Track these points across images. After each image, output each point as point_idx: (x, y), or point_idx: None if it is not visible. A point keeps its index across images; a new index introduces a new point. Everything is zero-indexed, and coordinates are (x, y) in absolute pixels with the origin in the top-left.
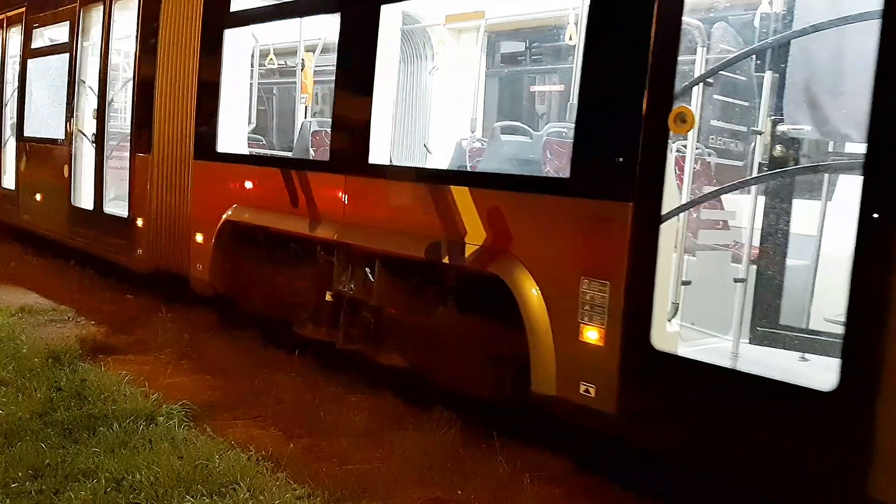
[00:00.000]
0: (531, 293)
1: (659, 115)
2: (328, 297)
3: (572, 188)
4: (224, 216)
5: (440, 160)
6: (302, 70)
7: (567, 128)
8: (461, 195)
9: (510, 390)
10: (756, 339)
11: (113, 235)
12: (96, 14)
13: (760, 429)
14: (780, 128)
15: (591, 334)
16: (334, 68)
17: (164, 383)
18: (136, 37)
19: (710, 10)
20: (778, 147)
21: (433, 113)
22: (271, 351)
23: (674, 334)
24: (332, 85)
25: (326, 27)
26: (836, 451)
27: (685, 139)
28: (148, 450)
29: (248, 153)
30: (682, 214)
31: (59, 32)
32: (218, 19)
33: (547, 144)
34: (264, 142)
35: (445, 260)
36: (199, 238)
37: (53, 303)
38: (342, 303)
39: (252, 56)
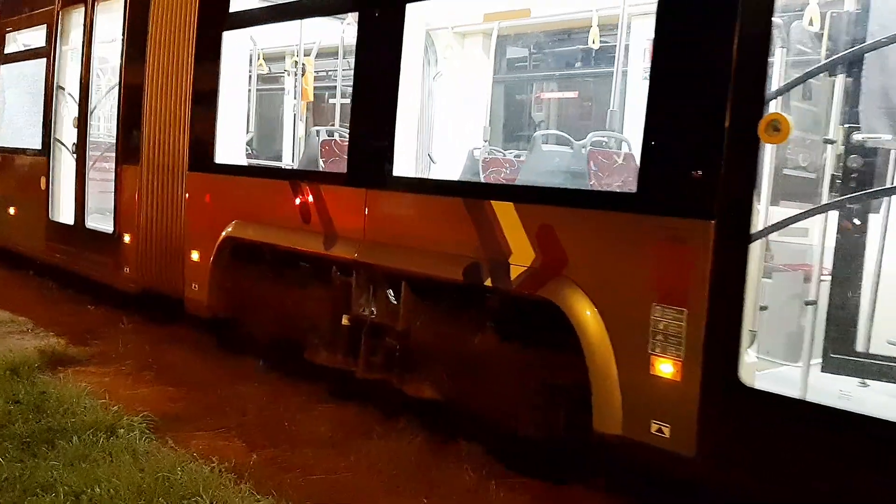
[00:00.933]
0: (592, 321)
1: (747, 123)
2: (345, 320)
3: (641, 204)
4: (224, 232)
5: (447, 171)
6: (303, 75)
7: (613, 137)
8: (505, 211)
9: (565, 428)
10: (830, 367)
11: (96, 252)
12: (77, 17)
13: (871, 474)
14: (855, 136)
15: (665, 367)
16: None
17: (125, 395)
18: (123, 40)
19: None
20: (852, 157)
21: (437, 121)
22: (234, 361)
23: (760, 366)
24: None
25: (325, 30)
26: None
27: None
28: (108, 463)
29: (250, 164)
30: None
31: (34, 37)
32: (216, 21)
33: (591, 155)
34: (249, 151)
35: (487, 283)
36: (195, 256)
37: (11, 314)
38: (362, 327)
39: (251, 60)
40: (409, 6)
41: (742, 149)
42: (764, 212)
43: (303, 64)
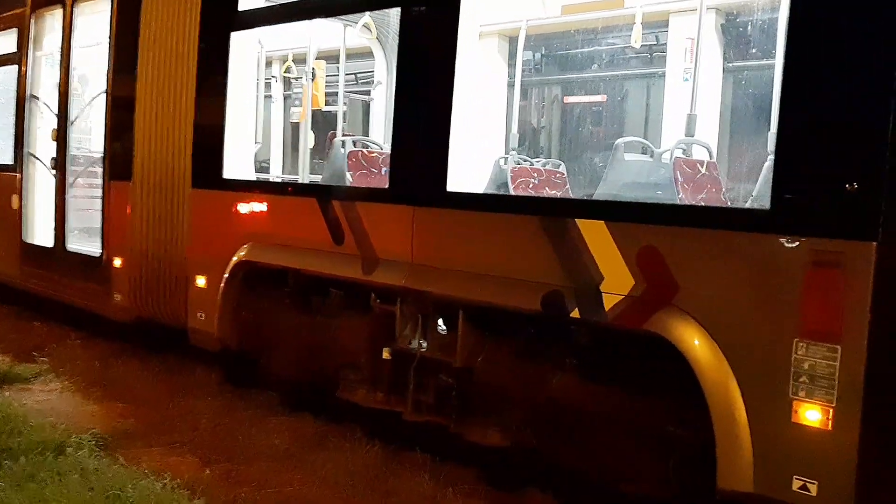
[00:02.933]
0: (712, 359)
1: None
2: (385, 354)
3: (776, 223)
4: (237, 256)
5: (467, 183)
6: (313, 80)
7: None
8: (594, 231)
9: (678, 484)
10: None
11: (80, 278)
12: (52, 20)
13: None
14: None
15: (812, 414)
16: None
17: (74, 412)
18: (110, 43)
19: None
20: None
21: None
22: (186, 376)
23: None
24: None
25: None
26: None
27: None
28: (57, 482)
29: (267, 179)
30: None
31: (2, 42)
32: (222, 21)
33: (676, 164)
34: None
35: (574, 314)
36: (202, 282)
37: None
38: (409, 363)
39: (258, 65)
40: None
41: None
42: None
43: (313, 68)
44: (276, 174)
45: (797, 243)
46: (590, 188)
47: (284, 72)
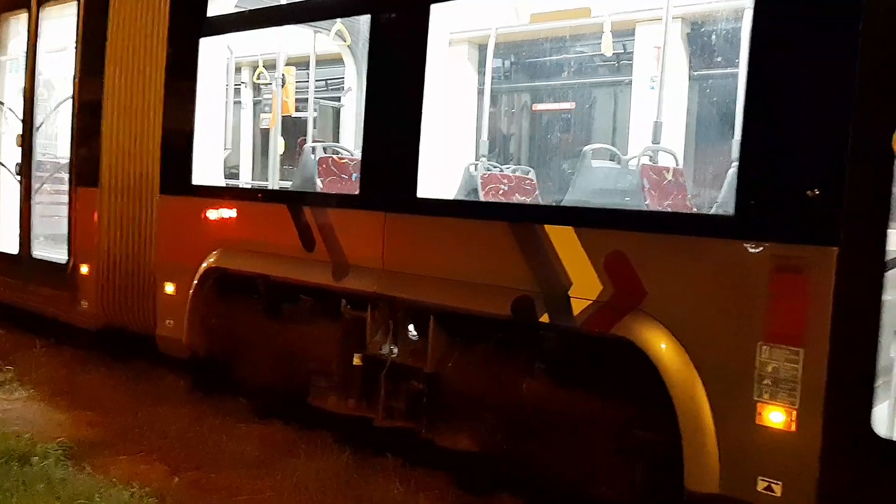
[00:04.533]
0: (680, 362)
1: (876, 134)
2: (356, 360)
3: (740, 229)
4: (206, 262)
5: (438, 189)
6: (283, 86)
7: (664, 151)
8: (562, 236)
9: (646, 486)
10: None
11: (46, 285)
12: (17, 24)
13: None
14: None
15: (776, 416)
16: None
17: (40, 421)
18: (77, 48)
19: None
20: None
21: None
22: (155, 384)
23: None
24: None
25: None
26: None
27: None
28: (22, 492)
29: (237, 185)
30: None
31: None
32: (191, 26)
33: (643, 171)
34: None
35: (544, 318)
36: (170, 289)
37: None
38: (380, 369)
39: (228, 71)
40: (433, 7)
41: (871, 164)
42: None
43: (283, 75)
44: (245, 180)
45: (761, 249)
46: (559, 194)
47: (256, 78)
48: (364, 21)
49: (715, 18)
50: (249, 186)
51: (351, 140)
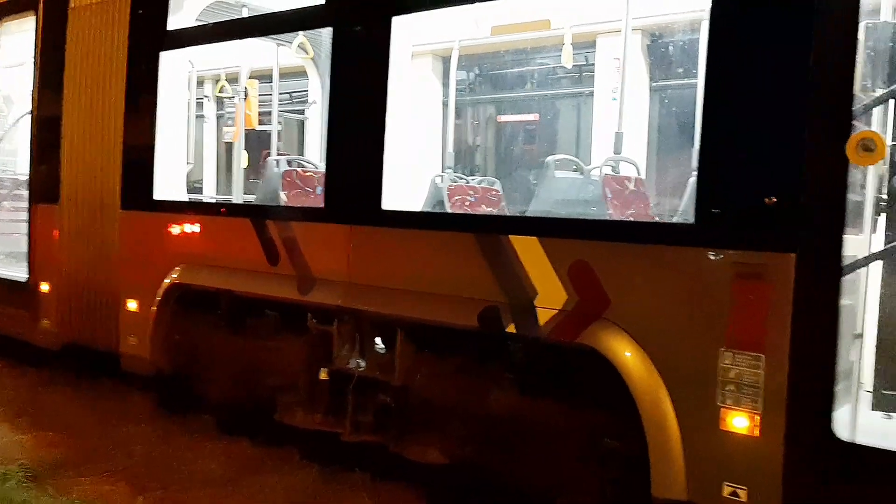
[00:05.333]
0: (644, 370)
1: (831, 142)
2: (323, 374)
3: (700, 237)
4: (169, 278)
5: (404, 201)
6: (245, 100)
7: (626, 161)
8: (527, 247)
9: (615, 495)
10: (882, 405)
11: (6, 304)
12: None
13: None
14: None
15: (739, 422)
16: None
17: (0, 443)
18: (35, 63)
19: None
20: None
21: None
22: (118, 402)
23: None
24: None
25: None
26: None
27: None
28: None
29: (200, 200)
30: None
31: None
32: (152, 40)
33: (606, 181)
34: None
35: (510, 329)
36: (133, 306)
37: None
38: (347, 383)
39: (189, 85)
40: (395, 20)
41: (827, 172)
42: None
43: (245, 88)
44: (209, 194)
45: (721, 256)
46: (525, 205)
47: (218, 91)
48: (327, 33)
49: (673, 30)
50: (213, 201)
51: (316, 153)
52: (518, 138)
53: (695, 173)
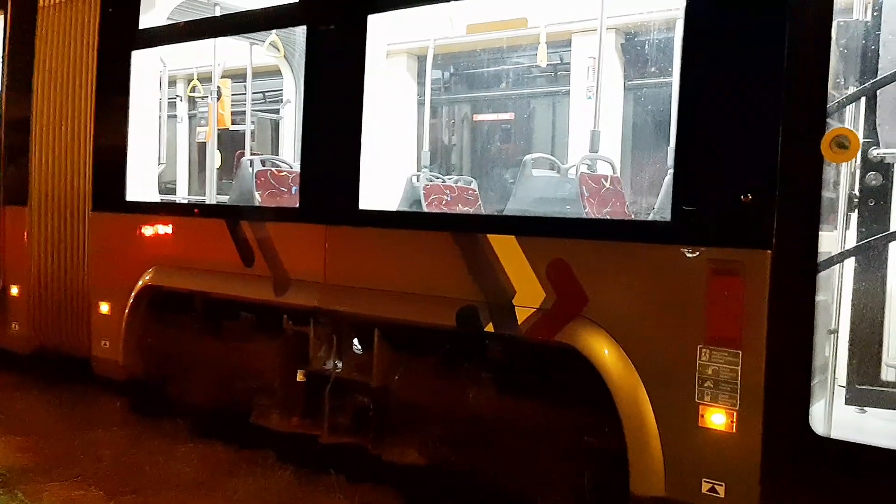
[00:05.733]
0: (622, 368)
1: (805, 139)
2: (300, 376)
3: (676, 234)
4: (142, 280)
5: (381, 201)
6: (219, 99)
7: (602, 160)
8: (505, 245)
9: (594, 492)
10: (854, 399)
11: None
12: None
13: None
14: (874, 152)
15: (717, 418)
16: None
17: None
18: (3, 62)
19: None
20: (871, 175)
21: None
22: (90, 407)
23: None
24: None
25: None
26: None
27: None
28: None
29: (173, 201)
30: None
31: None
32: (123, 39)
33: (582, 179)
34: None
35: (489, 328)
36: (105, 309)
37: None
38: (324, 385)
39: (161, 84)
40: (370, 18)
41: (801, 169)
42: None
43: (218, 87)
44: (182, 195)
45: (697, 253)
46: (502, 204)
47: (190, 91)
48: (301, 32)
49: (647, 29)
50: (186, 201)
51: (291, 153)
52: (494, 137)
53: (670, 171)
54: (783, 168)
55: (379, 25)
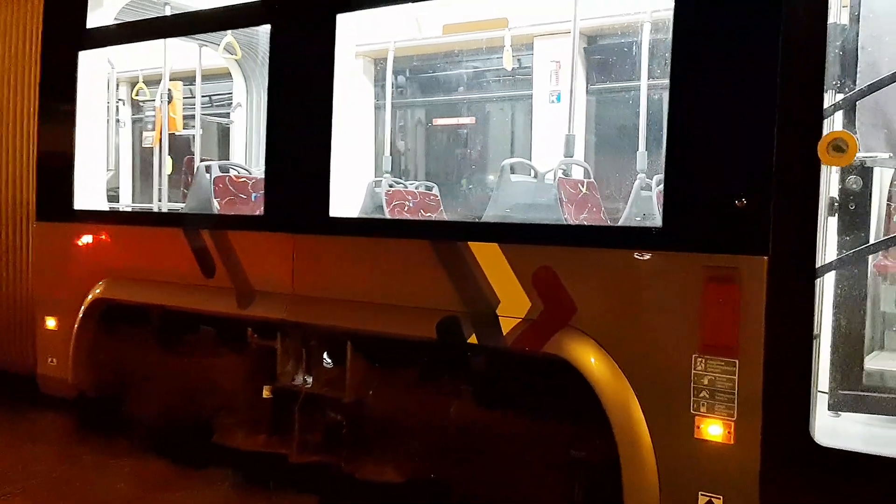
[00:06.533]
0: (613, 379)
1: (802, 142)
2: (266, 392)
3: (667, 240)
4: (92, 293)
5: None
6: (169, 103)
7: (577, 164)
8: (487, 253)
9: None
10: (838, 405)
11: None
12: None
13: None
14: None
15: (714, 429)
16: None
17: None
18: None
19: None
20: (851, 178)
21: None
22: (30, 424)
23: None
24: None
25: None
26: None
27: None
28: None
29: (124, 210)
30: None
31: None
32: (69, 39)
33: (561, 185)
34: None
35: (472, 339)
36: (51, 324)
37: None
38: (293, 401)
39: (108, 87)
40: (340, 17)
41: (799, 172)
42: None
43: (169, 90)
44: (126, 203)
45: (691, 260)
46: (465, 209)
47: (135, 94)
48: (255, 34)
49: (611, 33)
50: (138, 209)
51: (241, 158)
52: (453, 142)
53: (640, 175)
54: (779, 171)
55: (347, 24)
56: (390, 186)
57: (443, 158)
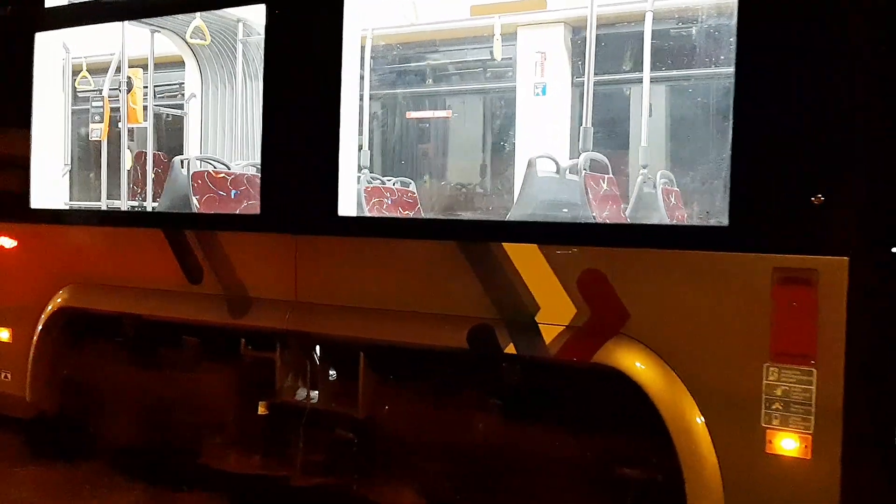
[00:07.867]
0: (673, 390)
1: (887, 133)
2: (261, 409)
3: (736, 240)
4: (53, 302)
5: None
6: (129, 92)
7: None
8: (524, 255)
9: None
10: None
11: None
12: None
13: None
14: None
15: (788, 443)
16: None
17: None
18: None
19: None
20: None
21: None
22: None
23: None
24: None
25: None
26: None
27: None
28: None
29: (90, 209)
30: None
31: None
32: (24, 19)
33: (587, 181)
34: None
35: (509, 349)
36: (5, 335)
37: None
38: (296, 418)
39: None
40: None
41: (886, 166)
42: None
43: (129, 77)
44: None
45: (761, 261)
46: (443, 206)
47: (78, 83)
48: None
49: (600, 22)
50: (112, 210)
51: (196, 151)
52: (434, 136)
53: (643, 170)
54: (861, 165)
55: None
56: (368, 183)
57: (420, 153)
